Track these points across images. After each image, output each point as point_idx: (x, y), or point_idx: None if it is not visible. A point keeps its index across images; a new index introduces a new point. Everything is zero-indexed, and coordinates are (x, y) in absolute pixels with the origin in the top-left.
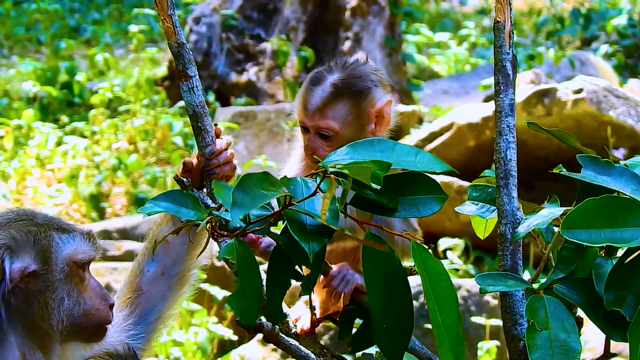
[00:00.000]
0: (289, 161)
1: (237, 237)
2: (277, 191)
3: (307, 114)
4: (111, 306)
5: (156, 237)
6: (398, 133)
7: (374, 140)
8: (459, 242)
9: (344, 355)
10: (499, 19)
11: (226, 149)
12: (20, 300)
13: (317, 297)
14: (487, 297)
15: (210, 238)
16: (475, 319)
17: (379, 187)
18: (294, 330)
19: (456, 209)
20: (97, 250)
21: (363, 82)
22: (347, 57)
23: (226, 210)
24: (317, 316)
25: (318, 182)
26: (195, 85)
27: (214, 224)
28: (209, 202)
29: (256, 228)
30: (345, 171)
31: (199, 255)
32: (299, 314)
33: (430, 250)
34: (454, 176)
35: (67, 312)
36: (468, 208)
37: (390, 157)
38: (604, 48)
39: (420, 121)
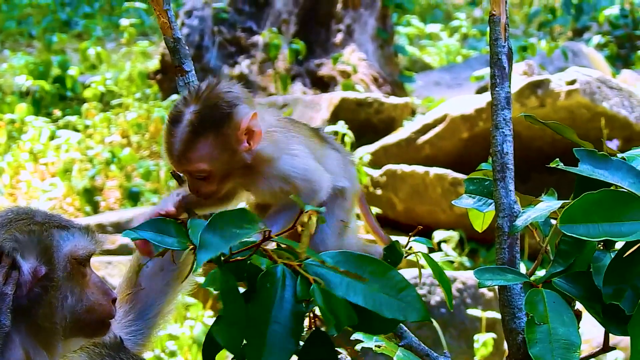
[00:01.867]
0: None
1: (220, 266)
2: (252, 229)
3: (174, 161)
4: (114, 300)
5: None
6: (391, 125)
7: (367, 259)
8: (454, 234)
9: (339, 349)
10: (494, 12)
11: None
12: (25, 300)
13: None
14: (483, 290)
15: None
16: (471, 312)
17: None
18: None
19: (453, 202)
20: (96, 244)
21: (218, 109)
22: (201, 84)
23: None
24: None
25: (295, 220)
26: (191, 80)
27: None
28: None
29: (239, 258)
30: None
31: (184, 280)
32: None
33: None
34: (448, 168)
35: (69, 310)
36: (465, 201)
37: (375, 285)
38: (597, 39)
39: (413, 113)
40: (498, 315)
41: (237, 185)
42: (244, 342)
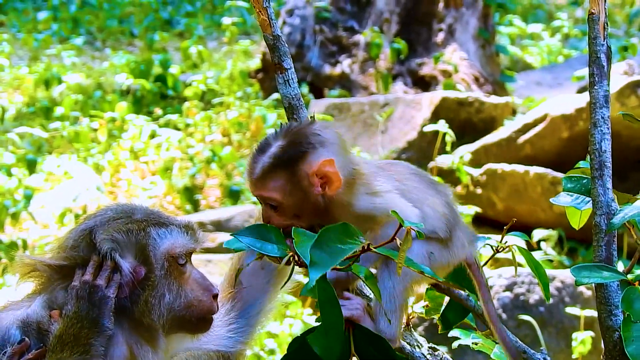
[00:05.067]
0: None
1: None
2: (354, 243)
3: (251, 183)
4: (215, 296)
5: None
6: (492, 124)
7: None
8: (553, 233)
9: (437, 346)
10: (593, 11)
11: None
12: (127, 301)
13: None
14: (581, 288)
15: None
16: (570, 310)
17: None
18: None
19: (551, 200)
20: (196, 241)
21: (299, 147)
22: (294, 122)
23: None
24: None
25: (394, 233)
26: (290, 77)
27: (297, 257)
28: None
29: (338, 267)
30: None
31: (282, 286)
32: None
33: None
34: (548, 167)
35: (167, 307)
36: (563, 199)
37: None
38: None
39: (513, 112)
40: (596, 314)
41: (314, 223)
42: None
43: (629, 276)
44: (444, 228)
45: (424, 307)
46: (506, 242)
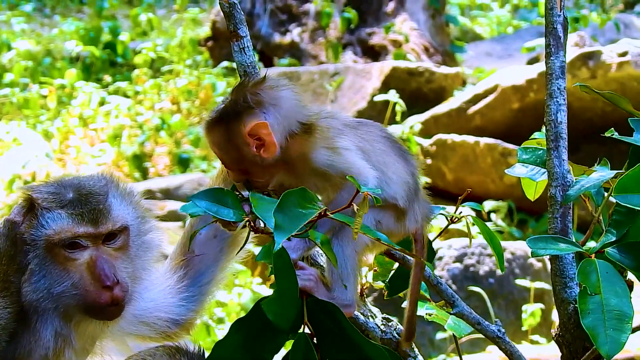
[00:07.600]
0: None
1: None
2: (314, 208)
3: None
4: (108, 287)
5: None
6: (442, 95)
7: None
8: (503, 204)
9: (390, 317)
10: None
11: None
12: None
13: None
14: (532, 260)
15: (251, 232)
16: (520, 282)
17: None
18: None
19: (506, 171)
20: (90, 226)
21: (237, 105)
22: (247, 79)
23: None
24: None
25: (351, 199)
26: (246, 45)
27: (252, 223)
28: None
29: (297, 232)
30: None
31: (238, 252)
32: None
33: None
34: (498, 138)
35: (45, 291)
36: (518, 170)
37: None
38: None
39: (463, 83)
40: (546, 286)
41: (281, 180)
42: None
43: (584, 248)
44: (404, 197)
45: (373, 271)
46: (460, 212)
